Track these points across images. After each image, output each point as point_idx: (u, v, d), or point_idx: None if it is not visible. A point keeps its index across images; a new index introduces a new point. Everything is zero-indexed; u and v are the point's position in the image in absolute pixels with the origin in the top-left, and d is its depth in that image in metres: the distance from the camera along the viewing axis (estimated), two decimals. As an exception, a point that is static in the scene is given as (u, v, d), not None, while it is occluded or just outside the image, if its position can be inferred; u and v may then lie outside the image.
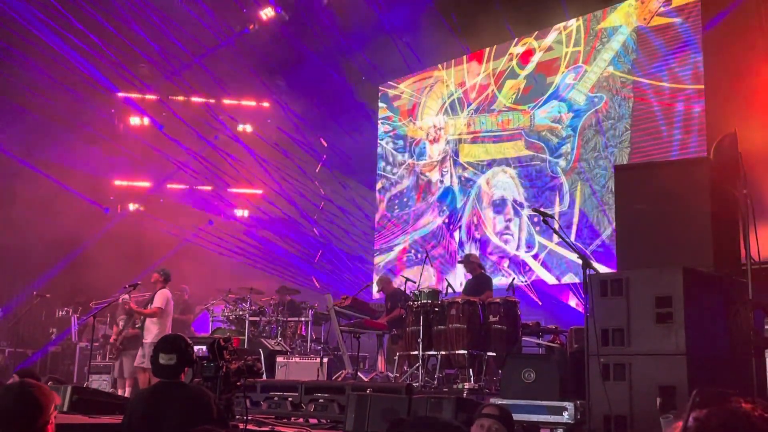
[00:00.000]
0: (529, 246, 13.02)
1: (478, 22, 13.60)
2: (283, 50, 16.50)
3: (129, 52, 15.49)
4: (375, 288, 12.58)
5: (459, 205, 14.50)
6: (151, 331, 10.66)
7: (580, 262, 6.03)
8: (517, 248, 13.22)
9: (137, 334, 11.10)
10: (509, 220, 13.42)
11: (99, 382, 11.86)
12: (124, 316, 11.59)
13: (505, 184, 13.66)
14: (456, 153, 14.75)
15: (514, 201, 13.41)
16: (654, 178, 6.57)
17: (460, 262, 10.73)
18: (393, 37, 15.39)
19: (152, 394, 4.85)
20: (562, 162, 12.80)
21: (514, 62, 13.93)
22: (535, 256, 12.85)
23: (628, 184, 6.62)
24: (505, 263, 13.31)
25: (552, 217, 6.51)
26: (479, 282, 10.19)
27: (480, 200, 14.08)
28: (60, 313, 14.47)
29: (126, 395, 10.44)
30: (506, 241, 13.42)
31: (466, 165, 14.51)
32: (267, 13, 16.13)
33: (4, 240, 15.33)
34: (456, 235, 14.36)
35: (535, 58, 13.55)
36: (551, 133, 13.05)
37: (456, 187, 14.63)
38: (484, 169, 14.12)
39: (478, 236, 13.93)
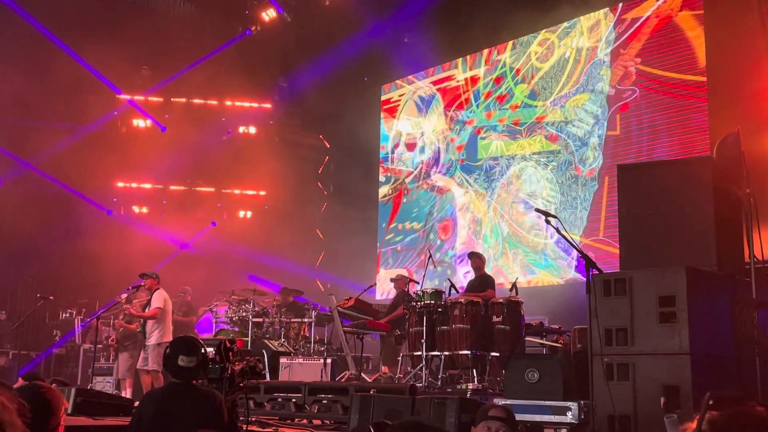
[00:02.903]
0: (559, 241, 12.80)
1: (495, 16, 13.42)
2: (286, 51, 16.51)
3: (131, 54, 15.51)
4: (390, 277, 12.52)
5: (480, 204, 14.25)
6: (154, 333, 10.66)
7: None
8: (546, 243, 13.04)
9: (132, 332, 11.16)
10: (539, 216, 13.04)
11: (103, 384, 11.89)
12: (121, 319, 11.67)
13: (533, 179, 13.37)
14: (474, 150, 14.53)
15: (542, 196, 13.11)
16: (657, 177, 6.57)
17: (469, 255, 10.68)
18: (398, 36, 15.38)
19: (163, 395, 4.86)
20: (589, 155, 12.55)
21: (534, 57, 13.70)
22: (568, 252, 12.64)
23: (630, 184, 6.62)
24: (536, 260, 13.13)
25: (554, 216, 6.49)
26: (482, 281, 10.19)
27: (505, 197, 13.83)
28: (63, 315, 14.49)
29: (128, 396, 10.45)
30: (536, 237, 13.23)
31: (486, 162, 14.25)
32: (269, 14, 16.15)
33: (7, 243, 15.37)
34: (482, 236, 14.10)
35: (557, 52, 13.32)
36: (577, 126, 12.80)
37: (473, 187, 14.45)
38: (509, 164, 13.83)
39: (504, 233, 13.69)
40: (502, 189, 13.94)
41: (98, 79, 15.59)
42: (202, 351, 4.90)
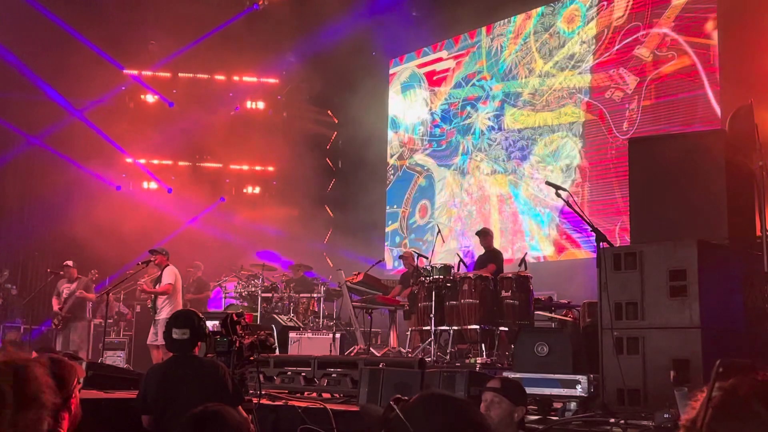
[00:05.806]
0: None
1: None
2: (294, 25, 16.39)
3: (138, 28, 15.42)
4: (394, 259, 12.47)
5: (504, 180, 14.04)
6: (164, 308, 10.74)
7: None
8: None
9: (81, 303, 11.48)
10: (578, 186, 12.60)
11: (113, 359, 12.00)
12: (68, 285, 11.75)
13: (567, 150, 13.01)
14: (500, 122, 14.23)
15: (578, 167, 12.79)
16: (668, 150, 6.49)
17: (477, 233, 10.65)
18: (405, 9, 15.23)
19: (166, 368, 4.90)
20: (625, 125, 12.09)
21: (563, 25, 13.30)
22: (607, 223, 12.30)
23: (641, 157, 6.55)
24: (572, 232, 12.85)
25: (565, 189, 6.44)
26: (490, 257, 10.18)
27: (533, 171, 13.52)
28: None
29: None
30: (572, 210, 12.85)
31: (517, 132, 13.91)
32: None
33: (17, 218, 15.43)
34: (517, 210, 13.85)
35: (586, 18, 12.91)
36: (613, 94, 12.36)
37: (501, 159, 14.21)
38: (537, 137, 13.52)
39: (537, 206, 13.42)
40: (534, 162, 13.61)
41: (105, 54, 15.52)
42: (197, 323, 4.90)
